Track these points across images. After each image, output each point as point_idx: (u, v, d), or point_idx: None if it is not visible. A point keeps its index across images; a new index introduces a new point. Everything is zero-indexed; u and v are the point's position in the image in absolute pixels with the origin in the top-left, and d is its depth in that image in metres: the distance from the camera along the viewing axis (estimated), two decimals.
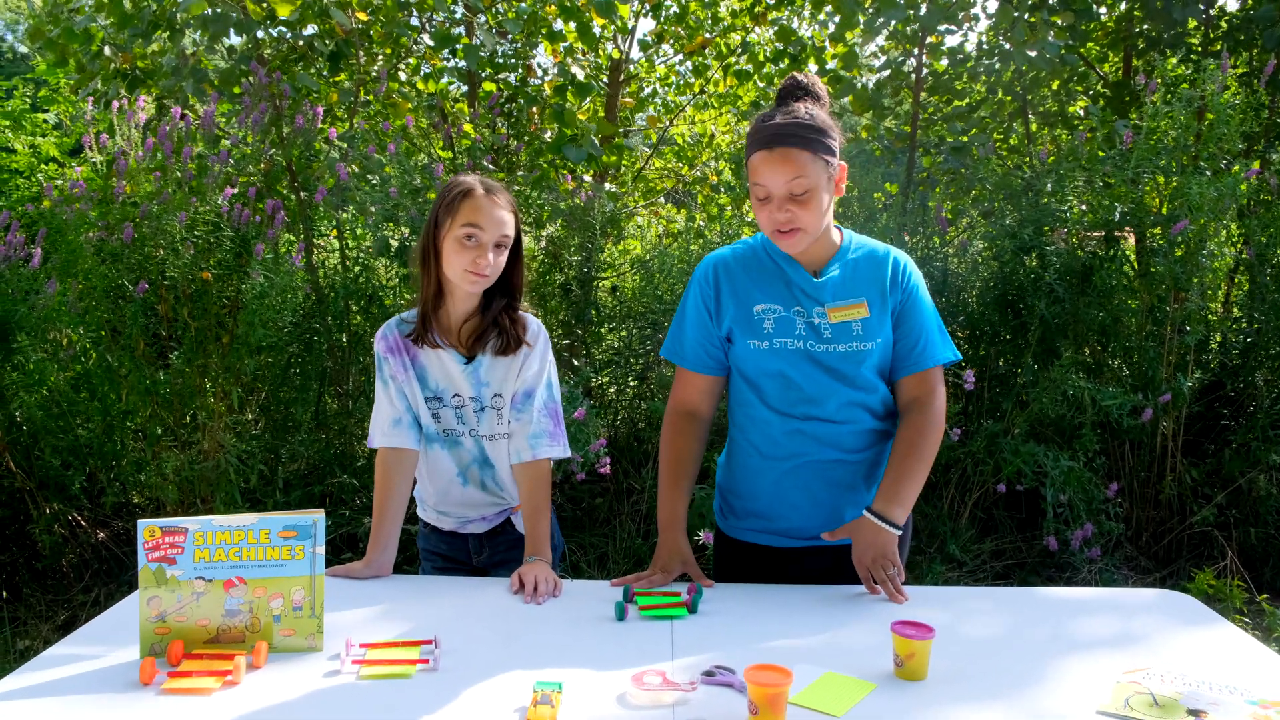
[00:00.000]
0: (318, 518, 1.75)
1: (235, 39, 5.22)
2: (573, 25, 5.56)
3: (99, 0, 4.91)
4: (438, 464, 2.31)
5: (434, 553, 2.46)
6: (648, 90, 7.73)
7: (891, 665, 1.67)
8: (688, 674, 1.64)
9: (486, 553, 2.40)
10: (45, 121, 7.96)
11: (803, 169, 1.95)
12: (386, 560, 2.20)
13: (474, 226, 2.11)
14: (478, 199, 2.13)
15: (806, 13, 6.82)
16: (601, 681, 1.62)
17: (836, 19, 5.64)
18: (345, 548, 4.15)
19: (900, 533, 2.09)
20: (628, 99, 7.12)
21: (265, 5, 4.90)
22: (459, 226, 2.11)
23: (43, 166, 7.30)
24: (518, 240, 2.22)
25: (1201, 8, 5.29)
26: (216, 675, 1.60)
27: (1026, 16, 5.14)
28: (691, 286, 2.23)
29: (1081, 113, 5.98)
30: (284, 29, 5.08)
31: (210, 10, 4.64)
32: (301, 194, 4.82)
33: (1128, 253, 4.62)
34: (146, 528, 1.69)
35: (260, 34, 4.98)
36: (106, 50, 5.23)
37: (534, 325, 2.28)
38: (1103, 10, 5.83)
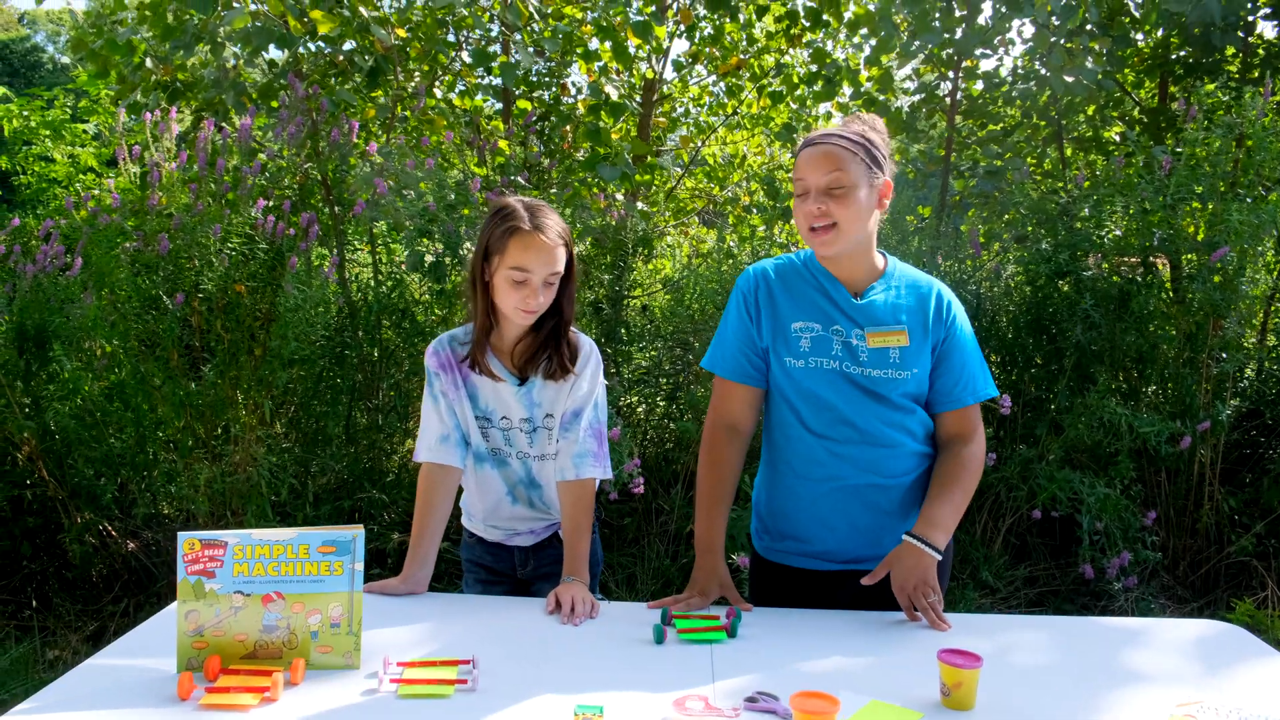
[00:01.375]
0: (357, 533, 1.73)
1: (277, 53, 5.27)
2: (608, 45, 5.58)
3: (142, 13, 4.96)
4: (487, 481, 2.30)
5: (478, 564, 2.44)
6: (680, 110, 7.75)
7: (938, 694, 1.64)
8: (730, 699, 1.61)
9: (532, 565, 2.39)
10: (85, 132, 8.04)
11: (842, 165, 1.99)
12: (424, 576, 2.18)
13: (523, 269, 2.07)
14: (525, 238, 2.07)
15: (842, 35, 6.82)
16: (642, 705, 1.60)
17: (872, 42, 5.64)
18: (374, 563, 4.14)
19: (941, 557, 2.05)
20: (661, 119, 7.13)
21: (307, 21, 4.94)
22: (507, 266, 2.08)
23: (81, 177, 7.37)
24: (570, 263, 2.18)
25: (1240, 35, 5.26)
26: (254, 691, 1.59)
27: (1063, 41, 5.11)
28: (734, 295, 2.22)
29: (1116, 138, 5.94)
30: (324, 44, 5.12)
31: (252, 24, 4.68)
32: (336, 208, 4.84)
33: (1164, 279, 4.57)
34: (186, 540, 1.68)
35: (300, 49, 5.02)
36: (148, 62, 5.29)
37: (586, 346, 2.26)
38: (1140, 36, 5.80)
